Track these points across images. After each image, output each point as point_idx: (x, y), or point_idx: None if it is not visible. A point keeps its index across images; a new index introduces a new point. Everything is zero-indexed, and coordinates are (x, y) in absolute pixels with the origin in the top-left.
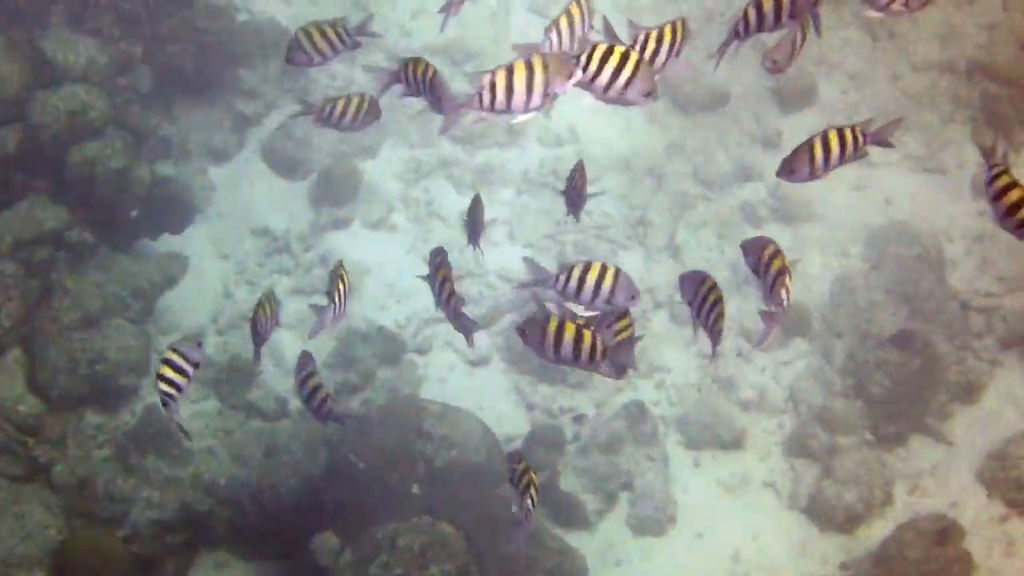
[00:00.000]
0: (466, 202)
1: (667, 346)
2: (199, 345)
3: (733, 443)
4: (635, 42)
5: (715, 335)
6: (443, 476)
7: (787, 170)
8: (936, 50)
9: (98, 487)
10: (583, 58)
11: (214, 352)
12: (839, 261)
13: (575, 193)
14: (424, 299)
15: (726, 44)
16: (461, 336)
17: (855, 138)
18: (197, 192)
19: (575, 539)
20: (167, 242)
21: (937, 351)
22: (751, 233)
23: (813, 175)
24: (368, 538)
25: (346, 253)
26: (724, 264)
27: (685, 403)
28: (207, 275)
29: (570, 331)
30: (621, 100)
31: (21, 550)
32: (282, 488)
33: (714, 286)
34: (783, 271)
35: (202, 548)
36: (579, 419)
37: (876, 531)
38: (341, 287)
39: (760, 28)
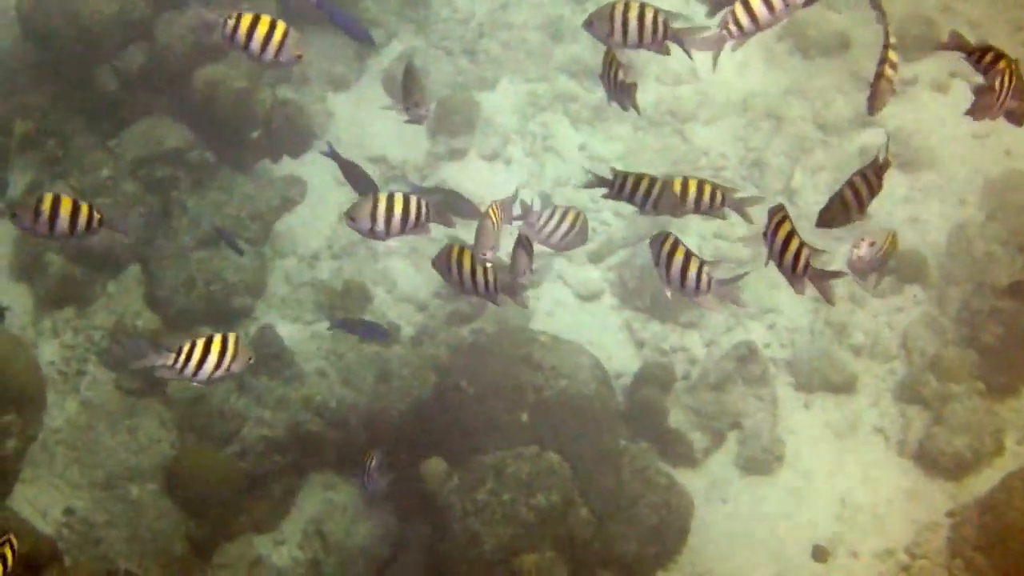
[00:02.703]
0: (584, 138)
1: (779, 288)
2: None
3: (844, 387)
4: None
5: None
6: (551, 407)
7: None
8: None
9: (211, 404)
10: None
11: (328, 276)
12: (956, 210)
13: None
14: None
15: None
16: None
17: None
18: (316, 118)
19: (682, 476)
20: (286, 166)
21: None
22: None
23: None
24: (475, 465)
25: (461, 184)
26: None
27: (796, 345)
28: (324, 200)
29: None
30: None
31: (134, 463)
32: (392, 412)
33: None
34: None
35: (311, 469)
36: None
37: (984, 480)
38: None
39: None
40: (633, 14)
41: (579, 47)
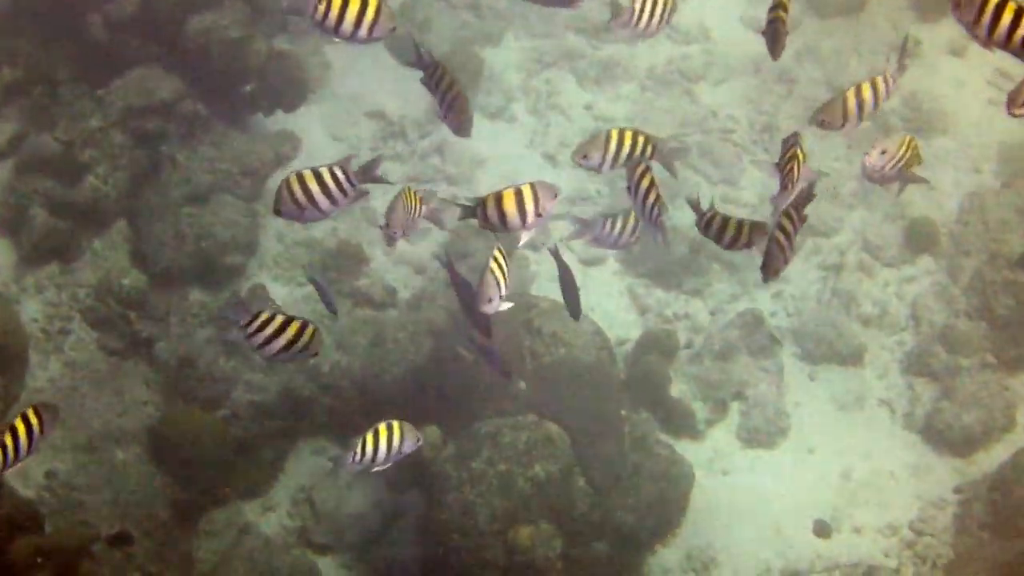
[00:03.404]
0: (590, 97)
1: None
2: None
3: (851, 358)
4: None
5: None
6: (551, 374)
7: None
8: None
9: (199, 366)
10: None
11: (322, 236)
12: (970, 177)
13: None
14: None
15: None
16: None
17: None
18: (313, 70)
19: (683, 447)
20: (280, 120)
21: None
22: None
23: None
24: (471, 433)
25: (463, 142)
26: (852, 175)
27: (803, 315)
28: (319, 157)
29: None
30: None
31: (118, 425)
32: (386, 377)
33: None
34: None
35: (302, 434)
36: None
37: (994, 456)
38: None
39: None
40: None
41: (587, 3)
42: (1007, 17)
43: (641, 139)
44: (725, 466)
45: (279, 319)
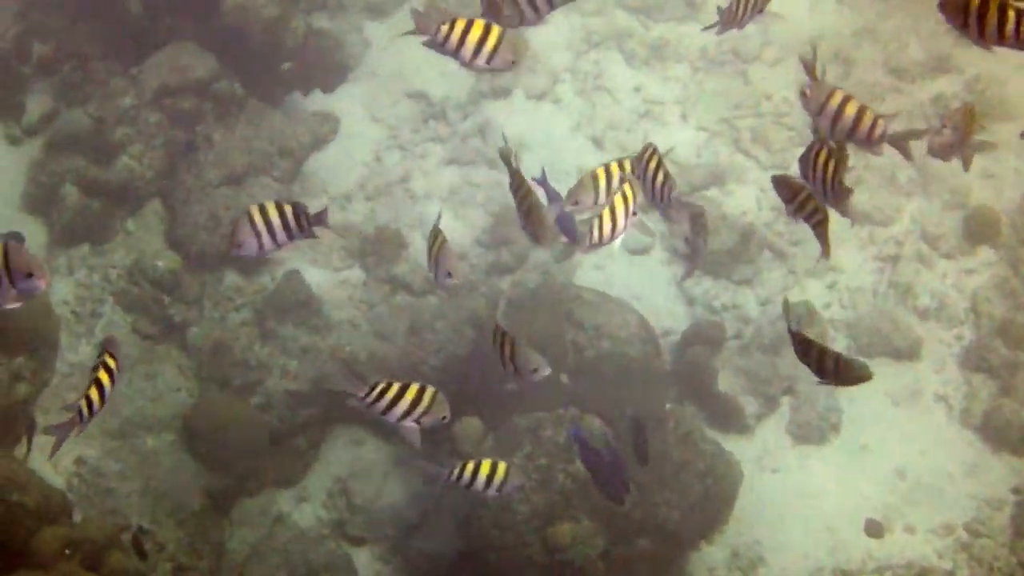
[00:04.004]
0: (640, 78)
1: (842, 246)
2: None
3: (907, 352)
4: None
5: None
6: (594, 368)
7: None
8: None
9: (234, 352)
10: None
11: (361, 219)
12: None
13: None
14: None
15: None
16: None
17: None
18: (352, 49)
19: (731, 443)
20: (318, 100)
21: None
22: None
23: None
24: (511, 426)
25: (506, 124)
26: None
27: (858, 307)
28: (358, 138)
29: None
30: None
31: (150, 411)
32: (424, 367)
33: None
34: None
35: (337, 423)
36: None
37: None
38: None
39: None
40: None
41: None
42: (993, 12)
43: (627, 164)
44: (774, 463)
45: (396, 386)
